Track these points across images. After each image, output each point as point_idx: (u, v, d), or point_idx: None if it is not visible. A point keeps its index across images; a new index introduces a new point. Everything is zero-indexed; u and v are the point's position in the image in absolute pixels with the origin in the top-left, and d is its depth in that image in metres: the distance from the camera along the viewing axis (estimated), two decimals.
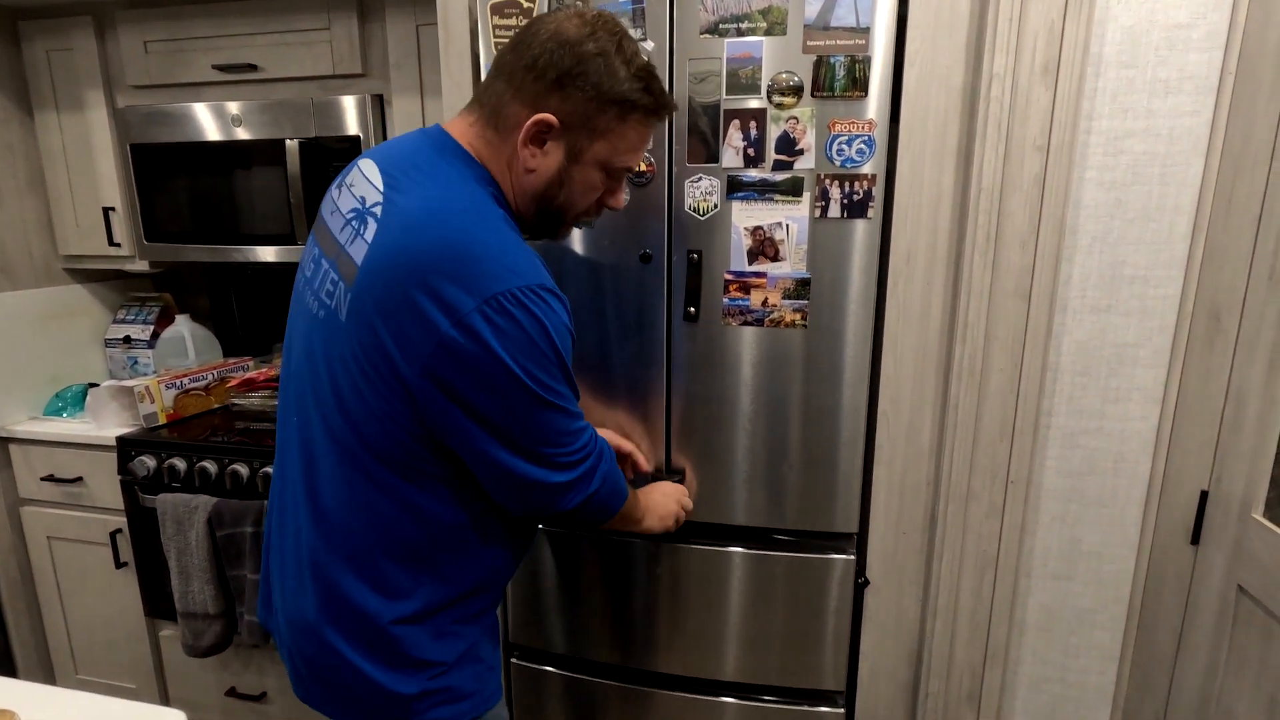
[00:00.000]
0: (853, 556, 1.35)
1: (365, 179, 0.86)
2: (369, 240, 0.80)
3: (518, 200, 0.88)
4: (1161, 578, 1.21)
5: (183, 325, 2.04)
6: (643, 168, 1.25)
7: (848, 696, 1.43)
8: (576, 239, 1.31)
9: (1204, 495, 1.11)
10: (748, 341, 1.29)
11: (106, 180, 1.91)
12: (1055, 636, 1.34)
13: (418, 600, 0.87)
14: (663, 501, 1.19)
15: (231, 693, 1.85)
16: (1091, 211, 1.17)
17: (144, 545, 1.79)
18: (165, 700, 1.94)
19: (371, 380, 0.80)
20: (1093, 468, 1.25)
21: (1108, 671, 1.33)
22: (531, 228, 0.93)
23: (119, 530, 1.82)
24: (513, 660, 1.57)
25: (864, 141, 1.18)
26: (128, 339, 2.11)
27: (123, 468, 1.75)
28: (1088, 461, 1.25)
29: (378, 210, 0.81)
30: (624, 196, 0.97)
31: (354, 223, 0.84)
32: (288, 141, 1.73)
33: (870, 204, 1.20)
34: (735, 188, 1.23)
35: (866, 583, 1.37)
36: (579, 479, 0.88)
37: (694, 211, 1.25)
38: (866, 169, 1.19)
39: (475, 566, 0.91)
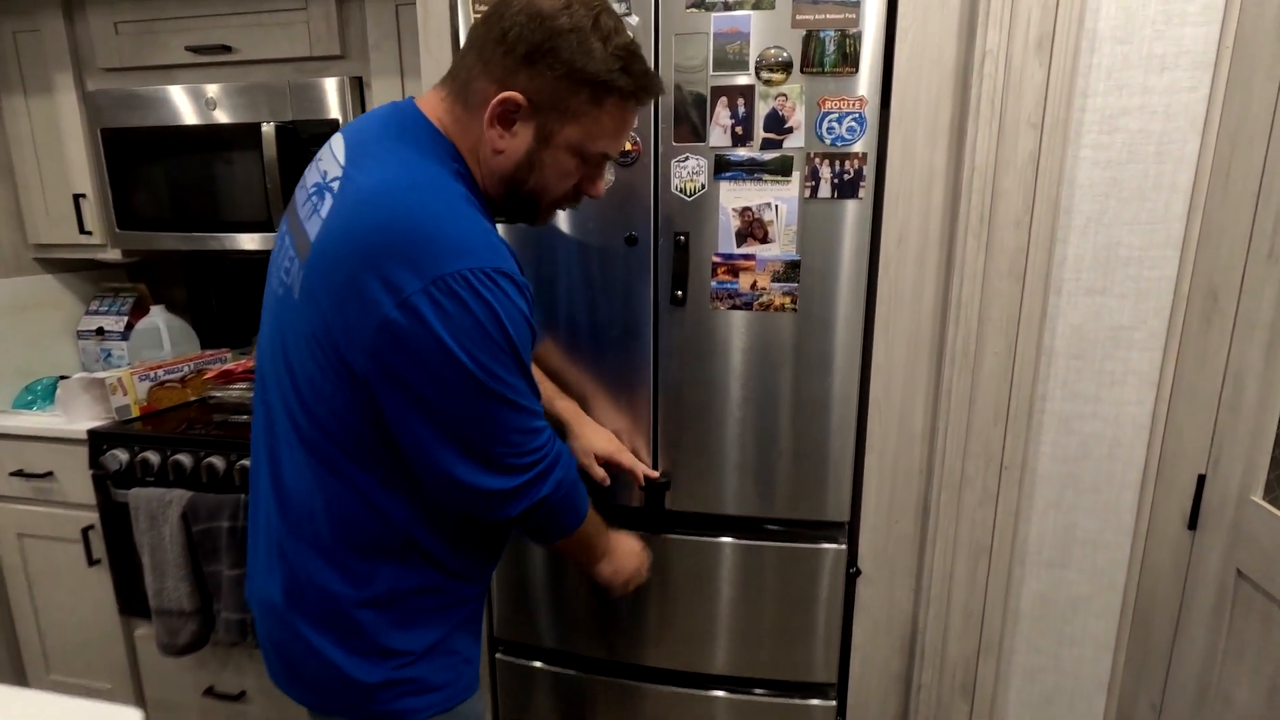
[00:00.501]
0: (844, 546, 1.32)
1: (331, 154, 0.82)
2: (324, 216, 0.77)
3: (486, 181, 0.84)
4: (1158, 564, 1.19)
5: (157, 316, 1.99)
6: (628, 147, 1.21)
7: (839, 689, 1.41)
8: (560, 221, 1.27)
9: (1201, 479, 1.09)
10: (736, 326, 1.26)
11: (77, 166, 1.85)
12: (1049, 626, 1.32)
13: (382, 584, 0.84)
14: (627, 555, 1.12)
15: (209, 692, 1.80)
16: (1086, 191, 1.15)
17: (117, 542, 1.74)
18: (142, 701, 1.89)
19: (320, 362, 0.76)
20: (1088, 453, 1.23)
21: (1103, 660, 1.31)
22: (503, 211, 0.88)
23: (91, 526, 1.77)
24: (498, 655, 1.53)
25: (854, 119, 1.15)
26: (101, 331, 2.06)
27: (94, 462, 1.70)
28: (1083, 447, 1.23)
29: (335, 186, 0.78)
30: (604, 184, 0.91)
31: (314, 198, 0.80)
32: (263, 125, 1.68)
33: (861, 184, 1.17)
34: (723, 167, 1.20)
35: (858, 573, 1.35)
36: (526, 484, 0.82)
37: (681, 192, 1.22)
38: (857, 147, 1.16)
39: (443, 557, 0.87)
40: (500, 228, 1.27)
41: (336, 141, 0.83)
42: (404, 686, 0.85)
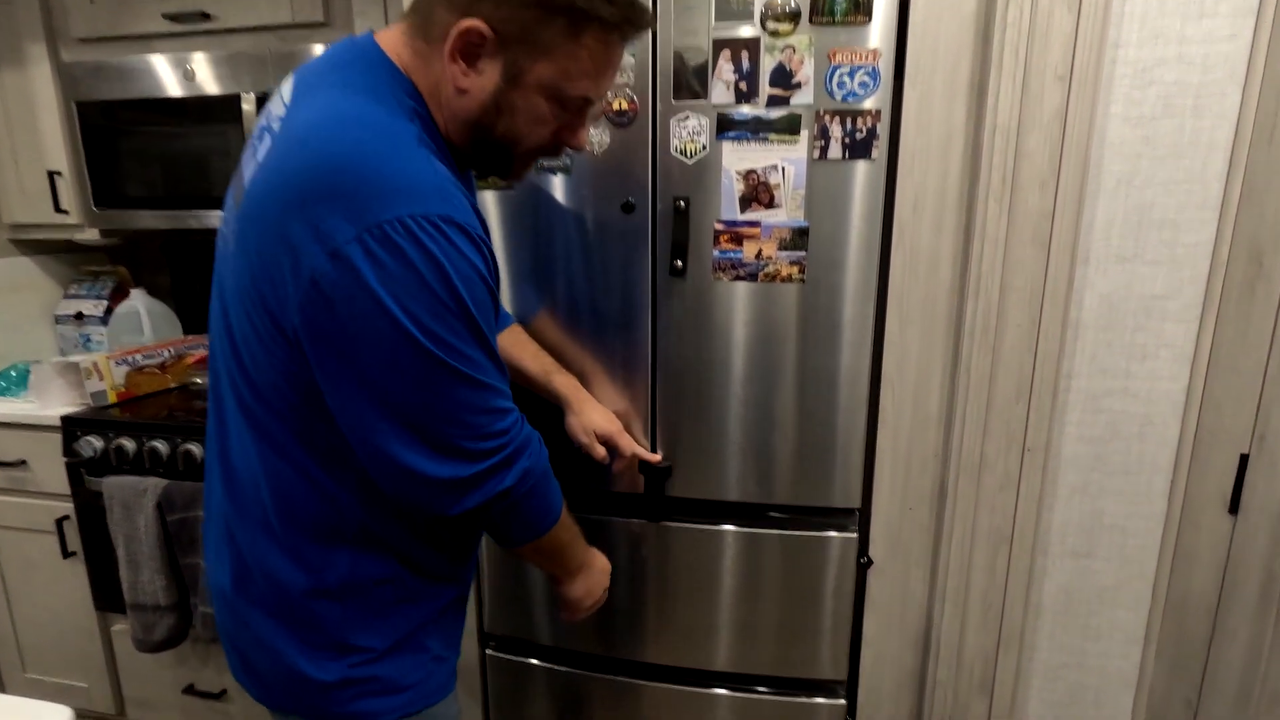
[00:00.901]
0: (854, 534, 1.24)
1: (279, 94, 0.74)
2: (260, 160, 0.68)
3: (449, 126, 0.74)
4: (1193, 551, 1.11)
5: (138, 300, 1.91)
6: (624, 105, 1.14)
7: (849, 686, 1.33)
8: (550, 186, 1.20)
9: (1244, 459, 1.01)
10: (740, 298, 1.18)
11: (51, 141, 1.78)
12: (1074, 619, 1.24)
13: (338, 573, 0.75)
14: (599, 577, 1.01)
15: (189, 690, 1.73)
16: (1117, 150, 1.07)
17: (93, 533, 1.66)
18: (120, 700, 1.81)
19: (255, 323, 0.68)
20: (1116, 433, 1.15)
21: (1131, 655, 1.22)
22: (473, 163, 0.78)
23: (66, 517, 1.69)
24: (488, 651, 1.45)
25: (867, 73, 1.07)
26: (79, 315, 1.98)
27: (68, 449, 1.62)
28: (1111, 426, 1.15)
29: (276, 125, 0.69)
30: (586, 135, 0.80)
31: (255, 141, 0.72)
32: (243, 97, 1.61)
33: (874, 143, 1.09)
34: (726, 127, 1.12)
35: (869, 562, 1.27)
36: (484, 474, 0.71)
37: (680, 154, 1.14)
38: (870, 104, 1.08)
39: (404, 549, 0.79)
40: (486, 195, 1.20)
41: (287, 82, 0.75)
42: (364, 686, 0.77)
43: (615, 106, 1.14)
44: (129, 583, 1.58)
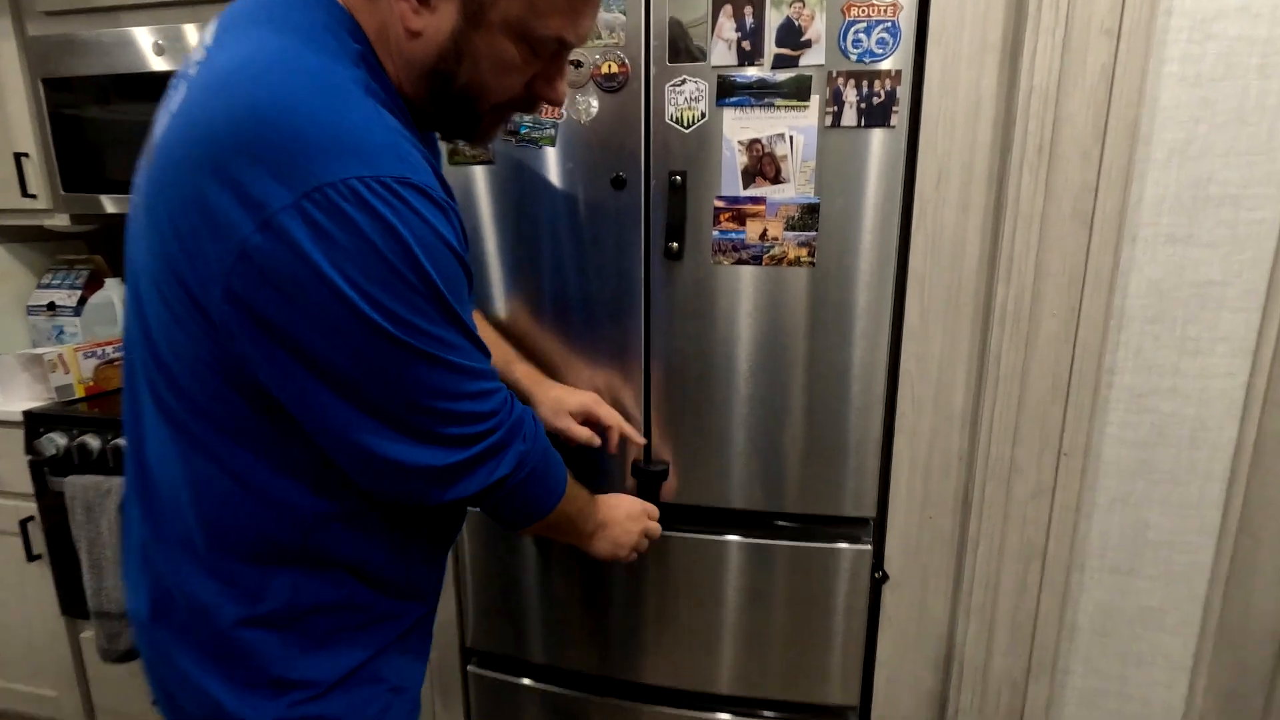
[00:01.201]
0: (868, 546, 1.14)
1: (201, 39, 0.63)
2: (172, 111, 0.58)
3: (401, 75, 0.63)
4: (1253, 569, 0.99)
5: (112, 290, 1.82)
6: (613, 69, 1.02)
7: (861, 712, 1.23)
8: (531, 158, 1.09)
9: None
10: (743, 284, 1.08)
11: (18, 121, 1.69)
12: (1113, 642, 1.12)
13: (277, 598, 0.64)
14: (625, 525, 0.96)
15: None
16: (1170, 114, 0.95)
17: (58, 535, 1.58)
18: (90, 711, 1.73)
19: (171, 306, 0.57)
20: (1164, 437, 1.03)
21: (1177, 684, 1.11)
22: (435, 121, 0.68)
23: (30, 518, 1.61)
24: (470, 668, 1.35)
25: (886, 30, 0.96)
26: (52, 306, 1.89)
27: (29, 446, 1.53)
28: (1158, 429, 1.03)
29: (193, 72, 0.58)
30: (564, 86, 0.70)
31: (170, 92, 0.61)
32: None
33: (893, 109, 0.98)
34: (727, 91, 1.01)
35: (885, 577, 1.17)
36: (473, 460, 0.64)
37: (676, 123, 1.03)
38: (889, 65, 0.97)
39: (362, 562, 0.68)
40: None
41: (210, 25, 0.64)
42: None
43: (604, 70, 1.03)
44: (93, 589, 1.49)
